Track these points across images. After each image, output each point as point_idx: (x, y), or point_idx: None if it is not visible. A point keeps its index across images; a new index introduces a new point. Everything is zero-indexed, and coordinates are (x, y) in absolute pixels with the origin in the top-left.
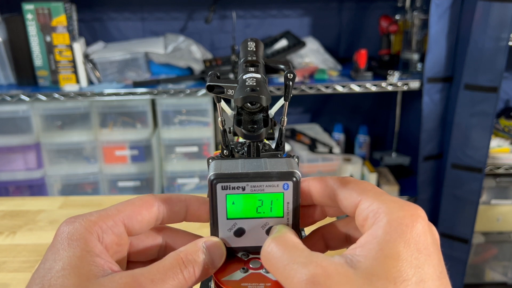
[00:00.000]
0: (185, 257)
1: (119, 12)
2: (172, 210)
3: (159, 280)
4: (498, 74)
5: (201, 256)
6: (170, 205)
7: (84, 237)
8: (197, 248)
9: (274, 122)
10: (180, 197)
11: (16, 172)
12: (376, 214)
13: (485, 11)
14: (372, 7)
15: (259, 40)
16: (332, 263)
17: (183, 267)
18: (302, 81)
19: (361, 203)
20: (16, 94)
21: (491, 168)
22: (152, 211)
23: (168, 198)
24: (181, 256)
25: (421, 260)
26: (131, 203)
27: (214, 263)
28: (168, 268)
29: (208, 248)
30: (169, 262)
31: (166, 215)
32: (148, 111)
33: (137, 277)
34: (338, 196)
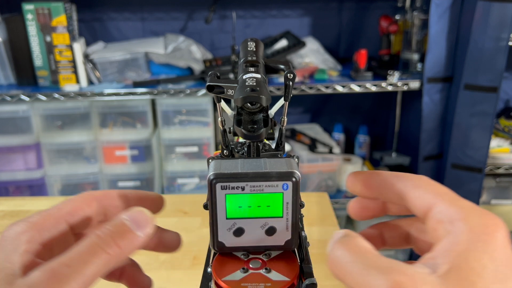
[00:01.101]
0: (103, 232)
1: (119, 12)
2: (113, 205)
3: (76, 262)
4: (498, 74)
5: (123, 227)
6: (110, 200)
7: (20, 239)
8: (117, 220)
9: (274, 122)
10: (120, 193)
11: (16, 172)
12: (453, 220)
13: (485, 11)
14: (372, 7)
15: (259, 40)
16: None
17: (103, 243)
18: (302, 81)
19: (436, 206)
20: (16, 94)
21: (491, 168)
22: (93, 206)
23: (107, 194)
24: (97, 233)
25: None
26: (72, 200)
27: (142, 231)
28: (85, 248)
29: (131, 218)
30: (85, 242)
31: (107, 211)
32: (148, 111)
33: (53, 266)
34: (409, 195)
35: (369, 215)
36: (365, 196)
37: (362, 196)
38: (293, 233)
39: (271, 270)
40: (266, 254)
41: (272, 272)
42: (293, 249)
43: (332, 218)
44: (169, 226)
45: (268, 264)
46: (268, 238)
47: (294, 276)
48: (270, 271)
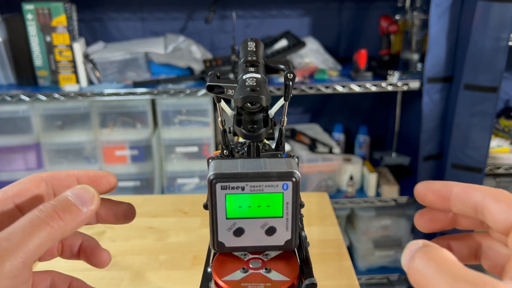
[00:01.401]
0: (45, 206)
1: (119, 12)
2: (62, 185)
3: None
4: (498, 74)
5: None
6: (59, 180)
7: None
8: (61, 196)
9: (274, 122)
10: (69, 173)
11: (16, 172)
12: None
13: (485, 11)
14: (372, 7)
15: (259, 40)
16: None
17: (46, 217)
18: (302, 81)
19: None
20: (16, 94)
21: (491, 168)
22: (41, 187)
23: (55, 174)
24: (40, 207)
25: None
26: (19, 183)
27: (86, 205)
28: (26, 222)
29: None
30: (27, 216)
31: (57, 190)
32: (148, 111)
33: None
34: (490, 209)
35: (437, 228)
36: (436, 207)
37: (433, 207)
38: (293, 233)
39: (271, 270)
40: (266, 254)
41: (272, 272)
42: (293, 249)
43: (332, 218)
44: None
45: (268, 264)
46: (268, 238)
47: (294, 276)
48: (270, 271)
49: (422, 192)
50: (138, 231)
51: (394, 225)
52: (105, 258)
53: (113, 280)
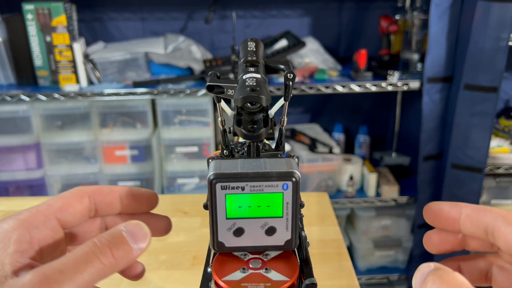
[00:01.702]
0: (100, 241)
1: (119, 12)
2: (105, 202)
3: (70, 270)
4: (498, 74)
5: (120, 238)
6: (102, 196)
7: (9, 237)
8: (115, 231)
9: (274, 122)
10: (112, 189)
11: (16, 172)
12: None
13: (485, 11)
14: (372, 7)
15: (259, 40)
16: None
17: (98, 252)
18: (302, 81)
19: None
20: (16, 94)
21: (491, 168)
22: (84, 202)
23: (99, 190)
24: (95, 241)
25: None
26: (62, 196)
27: (138, 245)
28: (80, 255)
29: (129, 231)
30: (82, 249)
31: (99, 206)
32: (148, 111)
33: (44, 270)
34: (501, 231)
35: (447, 249)
36: (444, 229)
37: (442, 228)
38: (293, 233)
39: (271, 270)
40: (266, 254)
41: (272, 272)
42: (293, 249)
43: (332, 218)
44: None
45: (268, 264)
46: (268, 238)
47: (294, 276)
48: (270, 271)
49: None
50: None
51: (394, 225)
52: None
53: (113, 280)
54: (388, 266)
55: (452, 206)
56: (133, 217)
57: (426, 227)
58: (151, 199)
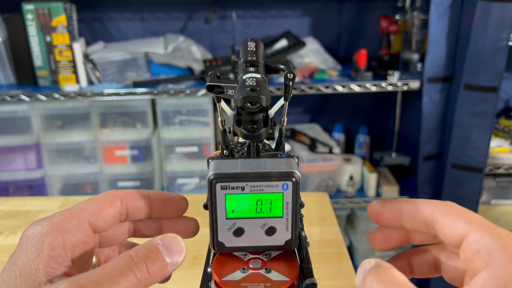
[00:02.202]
0: (136, 255)
1: (119, 12)
2: (136, 206)
3: (105, 282)
4: (498, 74)
5: (156, 253)
6: (134, 200)
7: (43, 241)
8: (151, 245)
9: (274, 122)
10: (143, 193)
11: (16, 172)
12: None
13: (485, 11)
14: (372, 7)
15: (259, 40)
16: None
17: (134, 266)
18: (302, 81)
19: (470, 235)
20: (16, 94)
21: (491, 168)
22: (116, 206)
23: (131, 194)
24: (131, 254)
25: None
26: (94, 200)
27: (173, 260)
28: (116, 269)
29: (165, 244)
30: (118, 262)
31: (130, 211)
32: (148, 111)
33: (80, 281)
34: (439, 223)
35: (392, 246)
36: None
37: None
38: (293, 233)
39: (271, 270)
40: (266, 254)
41: (272, 272)
42: (293, 249)
43: (332, 218)
44: None
45: (268, 264)
46: (268, 238)
47: (294, 276)
48: (270, 271)
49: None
50: None
51: None
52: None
53: None
54: None
55: (392, 204)
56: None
57: None
58: (181, 204)
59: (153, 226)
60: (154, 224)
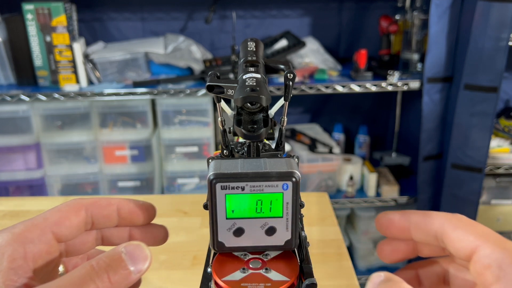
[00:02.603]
0: (97, 264)
1: (119, 12)
2: (102, 214)
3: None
4: (498, 74)
5: (119, 261)
6: (99, 209)
7: (2, 253)
8: (114, 253)
9: (274, 122)
10: (110, 201)
11: (16, 172)
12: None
13: (485, 11)
14: (372, 7)
15: (259, 40)
16: None
17: (95, 276)
18: (302, 81)
19: (480, 249)
20: (16, 94)
21: (491, 168)
22: (80, 215)
23: (96, 202)
24: (92, 264)
25: None
26: (58, 209)
27: (137, 268)
28: (76, 279)
29: (129, 252)
30: (79, 271)
31: (96, 219)
32: (148, 111)
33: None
34: (449, 236)
35: (400, 258)
36: (396, 238)
37: (393, 237)
38: (293, 233)
39: (271, 270)
40: (266, 254)
41: (272, 272)
42: (293, 249)
43: (332, 218)
44: (169, 226)
45: (268, 264)
46: (268, 238)
47: (294, 276)
48: (270, 271)
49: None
50: None
51: None
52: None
53: None
54: (388, 266)
55: (401, 215)
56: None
57: None
58: (149, 211)
59: (121, 234)
60: (122, 232)
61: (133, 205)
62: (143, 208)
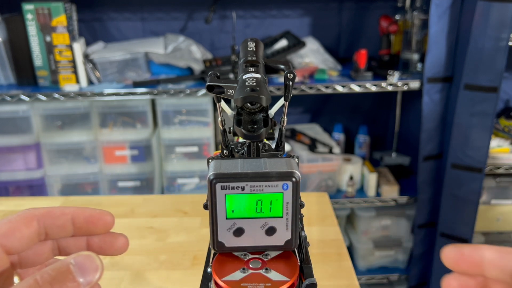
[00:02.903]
0: (42, 277)
1: (119, 12)
2: (56, 224)
3: None
4: (498, 74)
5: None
6: (53, 219)
7: None
8: (61, 266)
9: (274, 122)
10: (64, 211)
11: (16, 172)
12: None
13: (485, 11)
14: (372, 7)
15: (259, 40)
16: None
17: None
18: (302, 81)
19: None
20: (16, 94)
21: (491, 168)
22: (32, 226)
23: (49, 212)
24: (36, 278)
25: None
26: (8, 220)
27: (86, 279)
28: None
29: (78, 264)
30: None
31: (49, 230)
32: (148, 111)
33: None
34: None
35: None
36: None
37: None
38: (293, 233)
39: (271, 270)
40: (266, 254)
41: (272, 272)
42: (293, 249)
43: (332, 218)
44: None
45: (268, 264)
46: (268, 238)
47: (294, 276)
48: (270, 271)
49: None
50: (138, 231)
51: (394, 225)
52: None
53: (113, 280)
54: (388, 266)
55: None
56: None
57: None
58: (106, 220)
59: (78, 243)
60: (80, 242)
61: (89, 214)
62: (99, 217)
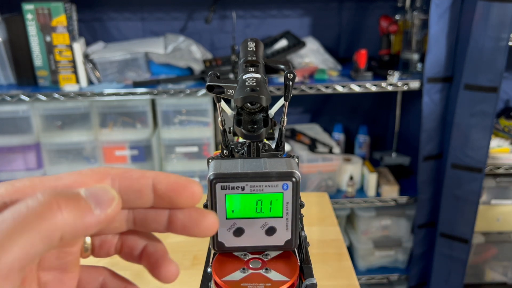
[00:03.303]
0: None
1: (119, 12)
2: (133, 189)
3: None
4: (498, 74)
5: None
6: (129, 181)
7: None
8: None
9: (274, 122)
10: (145, 174)
11: (16, 172)
12: None
13: (485, 11)
14: (372, 7)
15: (259, 40)
16: None
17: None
18: (302, 81)
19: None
20: (16, 94)
21: (491, 168)
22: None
23: (126, 172)
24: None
25: None
26: (79, 172)
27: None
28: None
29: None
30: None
31: (125, 195)
32: (148, 111)
33: None
34: None
35: None
36: None
37: None
38: (293, 233)
39: (271, 270)
40: (266, 254)
41: (272, 272)
42: (293, 249)
43: (332, 218)
44: None
45: (268, 264)
46: (268, 238)
47: (294, 276)
48: (270, 271)
49: None
50: None
51: (394, 225)
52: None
53: None
54: (388, 266)
55: None
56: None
57: (426, 227)
58: (194, 190)
59: (158, 217)
60: (160, 216)
61: (174, 181)
62: (186, 185)
